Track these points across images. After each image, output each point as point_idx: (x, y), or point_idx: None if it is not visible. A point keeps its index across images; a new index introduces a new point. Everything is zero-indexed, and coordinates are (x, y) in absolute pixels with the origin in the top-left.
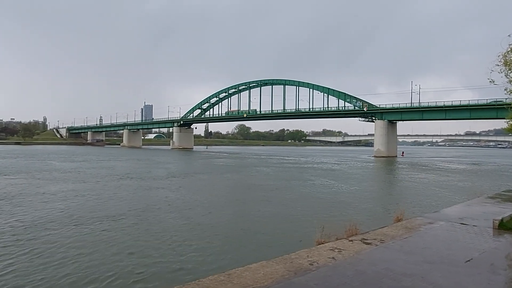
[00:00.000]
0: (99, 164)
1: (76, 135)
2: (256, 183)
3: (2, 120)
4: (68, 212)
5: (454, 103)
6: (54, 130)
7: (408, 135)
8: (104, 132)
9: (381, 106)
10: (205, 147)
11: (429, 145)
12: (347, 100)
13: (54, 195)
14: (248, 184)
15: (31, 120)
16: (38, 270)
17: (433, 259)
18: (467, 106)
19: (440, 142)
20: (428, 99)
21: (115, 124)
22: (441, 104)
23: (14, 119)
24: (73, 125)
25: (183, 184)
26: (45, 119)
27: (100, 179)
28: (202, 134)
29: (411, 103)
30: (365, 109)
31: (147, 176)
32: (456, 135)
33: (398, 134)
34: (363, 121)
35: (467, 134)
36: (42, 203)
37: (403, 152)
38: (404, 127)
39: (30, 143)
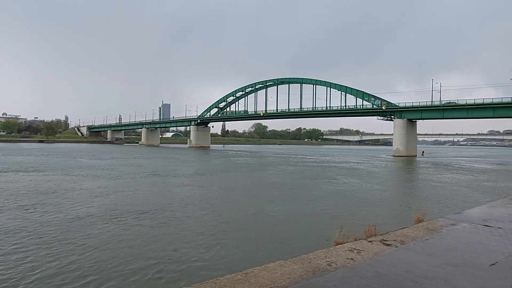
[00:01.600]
0: (127, 162)
1: (96, 133)
2: (281, 181)
3: (26, 119)
4: (109, 207)
5: (477, 101)
6: (75, 128)
7: (429, 134)
8: (123, 131)
9: (400, 105)
10: (222, 145)
11: (450, 145)
12: (365, 98)
13: (95, 190)
14: (274, 182)
15: (54, 119)
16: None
17: (456, 262)
18: (490, 104)
19: (461, 141)
20: (450, 97)
21: (134, 122)
22: (463, 102)
23: (37, 117)
24: (93, 124)
25: (213, 181)
26: (66, 118)
27: (133, 176)
28: (219, 133)
29: (432, 101)
30: (383, 107)
31: (176, 174)
32: (478, 134)
33: (418, 133)
34: (382, 119)
35: (490, 133)
36: (87, 198)
37: (423, 152)
38: (424, 126)
39: (52, 141)
